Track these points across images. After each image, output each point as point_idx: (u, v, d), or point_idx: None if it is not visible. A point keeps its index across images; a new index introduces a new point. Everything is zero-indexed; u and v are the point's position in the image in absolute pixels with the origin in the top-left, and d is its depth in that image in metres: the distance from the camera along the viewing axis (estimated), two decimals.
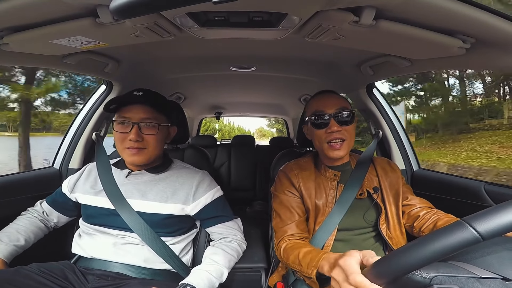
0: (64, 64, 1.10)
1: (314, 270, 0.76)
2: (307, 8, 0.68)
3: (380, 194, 1.05)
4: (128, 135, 1.00)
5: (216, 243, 1.09)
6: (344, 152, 1.02)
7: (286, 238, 1.00)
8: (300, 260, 0.85)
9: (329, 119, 1.01)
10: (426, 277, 0.48)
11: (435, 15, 0.68)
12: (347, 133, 1.02)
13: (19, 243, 1.02)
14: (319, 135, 1.04)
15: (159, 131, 1.05)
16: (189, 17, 0.74)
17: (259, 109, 3.57)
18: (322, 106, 1.04)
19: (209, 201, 1.08)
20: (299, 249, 0.89)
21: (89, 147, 1.56)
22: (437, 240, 0.44)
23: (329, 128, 1.01)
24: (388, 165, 1.14)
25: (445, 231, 0.44)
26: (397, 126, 1.61)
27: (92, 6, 0.68)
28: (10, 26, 0.76)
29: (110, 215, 1.02)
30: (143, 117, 1.02)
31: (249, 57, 1.36)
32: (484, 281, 0.47)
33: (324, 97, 1.08)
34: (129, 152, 1.02)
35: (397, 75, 1.29)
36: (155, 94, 1.09)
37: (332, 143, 1.02)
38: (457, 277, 0.48)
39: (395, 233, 1.03)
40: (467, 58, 0.87)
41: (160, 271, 1.02)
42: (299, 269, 0.85)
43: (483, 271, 0.49)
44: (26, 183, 1.33)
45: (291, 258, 0.90)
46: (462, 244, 0.42)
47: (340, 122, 1.01)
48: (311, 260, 0.80)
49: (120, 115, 1.02)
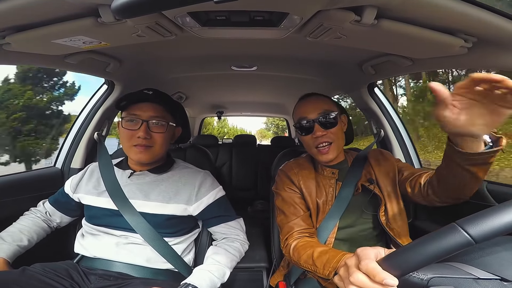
0: (66, 64, 1.10)
1: (332, 272, 0.74)
2: (308, 7, 0.68)
3: (377, 185, 1.05)
4: (136, 133, 1.00)
5: (218, 243, 1.09)
6: (333, 155, 1.03)
7: (295, 234, 0.99)
8: (315, 260, 0.82)
9: (313, 124, 1.02)
10: (423, 279, 0.48)
11: (436, 14, 0.68)
12: (333, 136, 1.03)
13: (22, 243, 1.02)
14: (306, 141, 1.06)
15: (167, 130, 1.06)
16: (190, 16, 0.74)
17: (260, 109, 3.57)
18: (304, 112, 1.04)
19: (212, 201, 1.08)
20: (313, 248, 0.87)
21: (91, 146, 1.56)
22: (429, 244, 0.43)
23: (314, 133, 1.02)
24: (380, 155, 1.14)
25: (438, 234, 0.44)
26: (399, 125, 1.61)
27: (94, 6, 0.68)
28: (12, 26, 0.76)
29: (113, 216, 1.02)
30: (152, 115, 1.02)
31: (250, 56, 1.36)
32: (482, 282, 0.47)
33: (306, 102, 1.08)
34: (136, 150, 1.02)
35: (398, 74, 1.29)
36: (164, 94, 1.11)
37: (320, 147, 1.02)
38: (454, 279, 0.48)
39: (395, 224, 1.02)
40: (469, 57, 0.87)
41: (162, 271, 1.03)
42: (313, 269, 0.83)
43: (481, 272, 0.49)
44: (28, 183, 1.33)
45: (303, 257, 0.88)
46: (454, 247, 0.42)
47: (325, 126, 1.01)
48: (328, 261, 0.77)
49: (129, 112, 1.03)
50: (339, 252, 0.79)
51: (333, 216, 1.01)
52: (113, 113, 1.60)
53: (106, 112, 1.55)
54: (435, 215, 1.34)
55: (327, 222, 1.01)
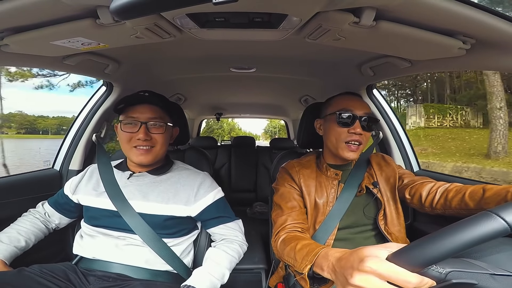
0: (64, 65, 1.10)
1: (308, 265, 0.70)
2: (307, 9, 0.68)
3: (379, 189, 1.06)
4: (136, 135, 1.01)
5: (217, 244, 1.09)
6: (357, 156, 1.03)
7: (287, 227, 0.98)
8: (296, 253, 0.79)
9: (355, 120, 1.01)
10: (442, 272, 0.47)
11: (435, 16, 0.68)
12: (365, 139, 1.03)
13: (20, 244, 1.02)
14: (339, 133, 1.03)
15: (166, 130, 1.07)
16: (189, 18, 0.74)
17: (260, 110, 3.57)
18: (352, 106, 1.03)
19: (211, 202, 1.08)
20: (298, 240, 0.85)
21: (89, 148, 1.56)
22: (461, 232, 0.43)
23: (353, 128, 1.00)
24: (382, 160, 1.15)
25: (472, 221, 0.43)
26: (398, 127, 1.61)
27: (92, 7, 0.68)
28: (11, 27, 0.76)
29: (112, 217, 1.02)
30: (150, 116, 1.03)
31: (249, 58, 1.36)
32: (498, 278, 0.47)
33: (354, 98, 1.07)
34: (137, 152, 1.03)
35: (397, 76, 1.29)
36: (160, 95, 1.12)
37: (350, 144, 1.01)
38: (472, 273, 0.47)
39: (393, 228, 1.03)
40: (467, 59, 0.87)
41: (161, 272, 1.02)
42: (292, 263, 0.80)
43: (495, 268, 0.49)
44: (27, 184, 1.32)
45: (286, 250, 0.86)
46: (490, 235, 0.41)
47: (363, 127, 1.01)
48: (307, 254, 0.73)
49: (128, 115, 1.03)
50: (320, 246, 0.76)
51: (334, 217, 1.01)
52: (111, 115, 1.59)
53: (105, 113, 1.54)
54: (433, 217, 1.34)
55: (327, 223, 1.01)
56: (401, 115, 18.14)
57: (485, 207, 0.74)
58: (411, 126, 17.26)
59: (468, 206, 0.81)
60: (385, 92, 21.81)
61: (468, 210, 0.81)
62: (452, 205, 0.86)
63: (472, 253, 0.54)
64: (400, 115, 17.28)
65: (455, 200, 0.85)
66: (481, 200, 0.77)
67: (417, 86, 23.91)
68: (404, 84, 23.81)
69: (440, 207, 0.91)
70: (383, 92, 12.88)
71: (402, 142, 1.60)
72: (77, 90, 16.73)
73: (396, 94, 25.42)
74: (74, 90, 16.90)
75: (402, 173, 1.11)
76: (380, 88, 1.66)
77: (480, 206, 0.77)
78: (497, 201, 0.72)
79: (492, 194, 0.75)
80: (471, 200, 0.80)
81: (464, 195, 0.82)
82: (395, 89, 24.74)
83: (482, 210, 0.72)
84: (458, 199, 0.84)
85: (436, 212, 0.93)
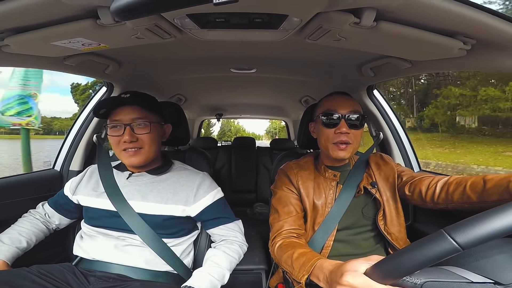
0: (65, 66, 1.10)
1: (305, 275, 0.73)
2: (307, 9, 0.68)
3: (377, 189, 1.05)
4: (122, 137, 1.01)
5: (217, 245, 1.09)
6: (348, 154, 1.02)
7: (283, 233, 0.99)
8: (293, 261, 0.82)
9: (340, 119, 1.00)
10: (417, 283, 0.48)
11: (435, 17, 0.68)
12: (354, 137, 1.02)
13: (21, 245, 1.02)
14: (326, 134, 1.03)
15: (152, 129, 1.05)
16: (189, 18, 0.74)
17: (260, 111, 3.57)
18: (335, 106, 1.03)
19: (210, 203, 1.08)
20: (294, 248, 0.87)
21: (90, 149, 1.56)
22: (417, 251, 0.45)
23: (338, 128, 1.00)
24: (380, 159, 1.14)
25: (426, 242, 0.45)
26: (398, 127, 1.61)
27: (93, 8, 0.68)
28: (11, 27, 0.76)
29: (111, 217, 1.02)
30: (134, 117, 1.02)
31: (250, 58, 1.36)
32: (476, 286, 0.48)
33: (338, 97, 1.07)
34: (126, 154, 1.03)
35: (398, 77, 1.29)
36: (143, 94, 1.10)
37: (338, 143, 1.01)
38: (448, 283, 0.48)
39: (393, 228, 1.02)
40: (468, 60, 0.87)
41: (162, 273, 1.02)
42: (290, 270, 0.82)
43: (475, 275, 0.50)
44: (27, 185, 1.33)
45: (284, 257, 0.87)
46: (441, 254, 0.42)
47: (350, 125, 1.00)
48: (304, 264, 0.76)
49: (112, 119, 1.04)
50: (316, 255, 0.78)
51: (333, 218, 1.01)
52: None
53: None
54: (433, 217, 1.34)
55: (326, 224, 1.01)
56: None
57: (487, 200, 0.74)
58: None
59: (471, 199, 0.79)
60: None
61: (471, 204, 0.79)
62: (454, 199, 0.84)
63: (458, 259, 0.54)
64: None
65: (456, 193, 0.84)
66: (483, 192, 0.76)
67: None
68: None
69: (442, 202, 0.89)
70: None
71: (403, 142, 1.59)
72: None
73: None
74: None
75: (401, 170, 1.09)
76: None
77: (483, 198, 0.76)
78: (500, 193, 0.71)
79: (493, 186, 0.74)
80: (473, 192, 0.79)
81: (465, 188, 0.81)
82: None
83: (485, 203, 0.73)
84: (460, 192, 0.83)
85: (439, 207, 0.91)
